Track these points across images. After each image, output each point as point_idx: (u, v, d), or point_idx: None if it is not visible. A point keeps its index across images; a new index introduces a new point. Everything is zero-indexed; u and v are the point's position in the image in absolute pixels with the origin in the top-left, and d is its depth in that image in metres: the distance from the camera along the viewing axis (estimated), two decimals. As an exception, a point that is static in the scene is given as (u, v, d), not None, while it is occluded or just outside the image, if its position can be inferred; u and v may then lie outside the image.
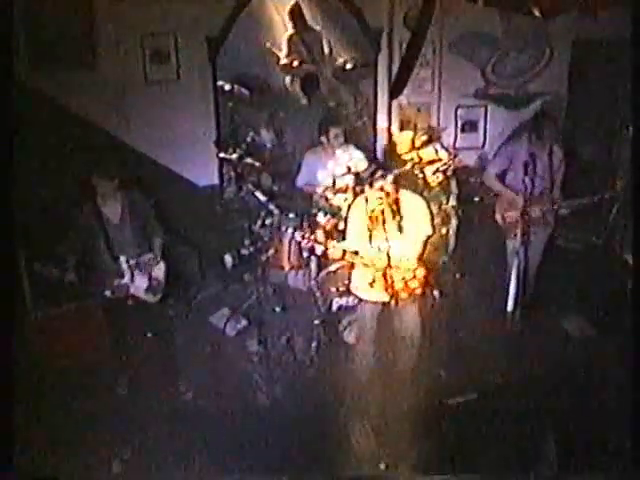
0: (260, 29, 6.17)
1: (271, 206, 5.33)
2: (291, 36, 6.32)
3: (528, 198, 4.86)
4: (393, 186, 4.24)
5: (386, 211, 4.24)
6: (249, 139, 5.65)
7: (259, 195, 5.38)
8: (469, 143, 6.78)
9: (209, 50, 5.96)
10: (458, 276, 5.93)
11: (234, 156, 5.51)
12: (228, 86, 5.58)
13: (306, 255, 5.15)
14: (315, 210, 5.41)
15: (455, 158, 6.12)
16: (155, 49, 5.82)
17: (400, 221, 4.26)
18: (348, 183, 5.53)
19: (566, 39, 6.60)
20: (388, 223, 4.24)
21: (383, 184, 4.20)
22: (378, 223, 4.27)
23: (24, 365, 3.99)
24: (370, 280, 4.36)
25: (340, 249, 4.44)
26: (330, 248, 4.38)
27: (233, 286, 5.99)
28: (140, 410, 4.49)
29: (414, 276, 4.36)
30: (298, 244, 5.07)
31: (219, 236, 6.19)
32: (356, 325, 4.89)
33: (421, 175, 5.92)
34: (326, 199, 5.57)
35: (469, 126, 6.77)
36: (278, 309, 5.50)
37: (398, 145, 6.45)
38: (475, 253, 6.15)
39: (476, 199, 6.17)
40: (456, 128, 6.74)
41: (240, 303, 5.59)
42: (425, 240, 4.36)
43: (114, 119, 5.78)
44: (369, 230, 4.31)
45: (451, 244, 6.17)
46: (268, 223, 5.34)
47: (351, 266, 4.69)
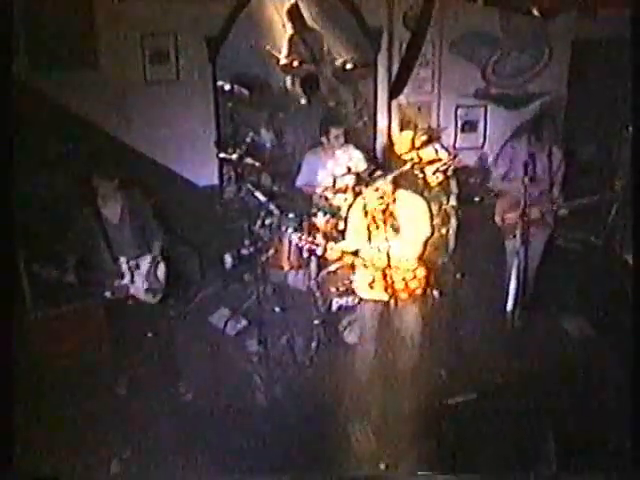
0: (260, 29, 6.17)
1: (271, 206, 5.33)
2: (291, 36, 6.32)
3: (528, 199, 4.86)
4: (392, 186, 4.24)
5: (385, 211, 4.24)
6: (249, 139, 5.64)
7: (259, 195, 5.37)
8: (469, 143, 6.79)
9: (209, 50, 5.97)
10: (458, 276, 5.92)
11: (234, 156, 5.50)
12: (228, 86, 5.57)
13: (306, 255, 5.15)
14: (315, 210, 5.41)
15: (455, 158, 6.11)
16: (155, 49, 5.83)
17: (400, 221, 4.26)
18: (348, 183, 5.54)
19: (566, 39, 6.61)
20: (387, 223, 4.24)
21: (382, 184, 4.20)
22: (377, 223, 4.27)
23: (24, 365, 3.99)
24: (370, 280, 4.37)
25: (338, 250, 4.44)
26: (328, 250, 4.39)
27: (233, 286, 5.99)
28: (140, 410, 4.48)
29: (414, 276, 4.37)
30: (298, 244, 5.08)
31: (219, 236, 6.18)
32: (357, 325, 4.90)
33: (421, 175, 5.92)
34: (326, 199, 5.57)
35: (469, 126, 6.78)
36: (278, 309, 5.48)
37: (398, 145, 6.44)
38: (475, 253, 6.14)
39: (476, 199, 6.17)
40: (456, 128, 6.75)
41: (240, 303, 5.59)
42: (425, 241, 4.36)
43: (114, 119, 5.79)
44: (368, 230, 4.32)
45: (451, 244, 6.16)
46: (268, 223, 5.34)
47: (351, 266, 4.70)
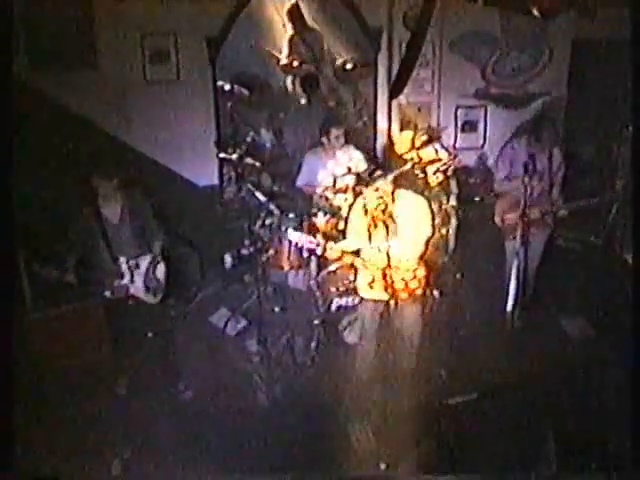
0: (260, 29, 6.17)
1: (271, 206, 5.33)
2: (292, 36, 6.32)
3: (528, 199, 4.86)
4: (393, 186, 4.24)
5: (386, 211, 4.24)
6: (249, 139, 5.64)
7: (259, 195, 5.37)
8: (469, 143, 6.78)
9: (209, 50, 5.97)
10: (458, 276, 5.92)
11: (234, 156, 5.50)
12: (228, 86, 5.56)
13: (306, 255, 5.15)
14: (315, 210, 5.41)
15: (455, 158, 6.12)
16: (155, 49, 5.83)
17: (400, 221, 4.26)
18: (348, 183, 5.54)
19: (566, 39, 6.60)
20: (388, 223, 4.24)
21: (383, 184, 4.20)
22: (377, 223, 4.27)
23: (24, 365, 4.00)
24: (370, 280, 4.37)
25: (338, 250, 4.44)
26: (328, 250, 4.39)
27: (233, 286, 5.99)
28: (140, 410, 4.48)
29: (414, 276, 4.37)
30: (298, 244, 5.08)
31: (219, 236, 6.18)
32: (357, 325, 4.90)
33: (421, 175, 5.92)
34: (326, 199, 5.57)
35: (469, 126, 6.77)
36: (278, 309, 5.49)
37: (398, 145, 6.44)
38: (475, 253, 6.14)
39: (476, 199, 6.17)
40: (456, 128, 6.74)
41: (240, 303, 5.59)
42: (426, 240, 4.36)
43: (114, 119, 5.79)
44: (369, 230, 4.31)
45: (451, 244, 6.15)
46: (268, 223, 5.34)
47: (351, 266, 4.70)
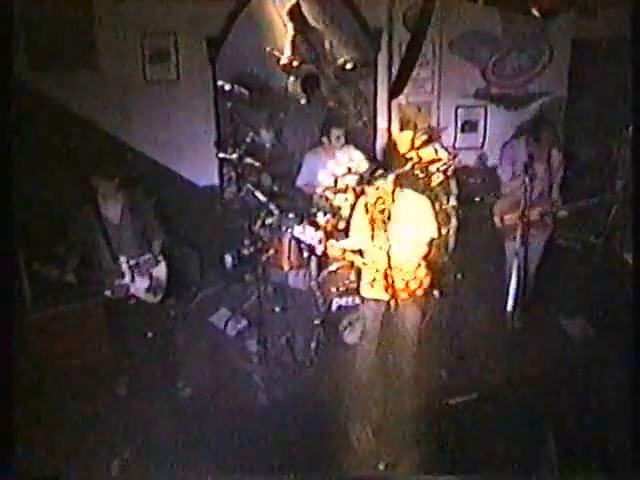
0: (260, 29, 6.14)
1: (271, 206, 5.32)
2: (294, 36, 6.30)
3: (527, 200, 4.86)
4: (393, 186, 4.24)
5: (386, 211, 4.24)
6: (249, 139, 5.63)
7: (259, 195, 5.37)
8: (469, 143, 6.78)
9: (209, 50, 5.96)
10: (458, 276, 5.92)
11: (234, 156, 5.49)
12: (228, 86, 5.55)
13: (306, 255, 5.15)
14: (315, 210, 5.41)
15: (455, 158, 6.12)
16: (155, 49, 5.83)
17: (402, 221, 4.26)
18: (348, 183, 5.54)
19: (566, 39, 6.59)
20: (388, 223, 4.24)
21: (383, 184, 4.19)
22: (378, 223, 4.27)
23: (24, 365, 4.00)
24: (371, 279, 4.37)
25: (339, 248, 4.44)
26: (329, 247, 4.39)
27: (233, 286, 5.99)
28: (140, 410, 4.48)
29: (414, 276, 4.37)
30: (298, 244, 5.08)
31: (219, 236, 6.18)
32: (358, 325, 4.90)
33: (421, 175, 5.92)
34: (326, 199, 5.57)
35: (469, 126, 6.76)
36: (278, 309, 5.49)
37: (398, 145, 6.44)
38: (475, 253, 6.14)
39: (476, 199, 6.17)
40: (456, 128, 6.73)
41: (240, 303, 5.59)
42: (429, 242, 4.36)
43: (114, 119, 5.78)
44: (371, 230, 4.31)
45: (451, 244, 6.15)
46: (268, 223, 5.34)
47: (351, 266, 4.70)
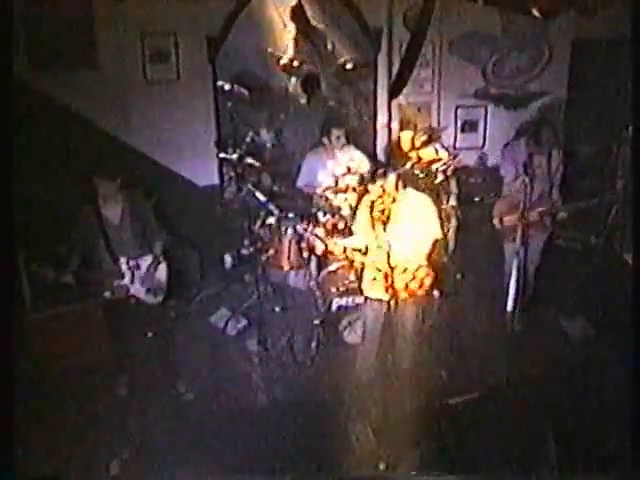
0: (260, 29, 6.15)
1: (271, 206, 5.32)
2: (296, 36, 6.30)
3: (527, 200, 4.85)
4: (393, 186, 4.24)
5: (386, 211, 4.24)
6: (249, 139, 5.64)
7: (259, 195, 5.37)
8: (469, 143, 6.78)
9: (209, 50, 5.97)
10: (458, 276, 5.92)
11: (234, 156, 5.50)
12: (228, 86, 5.56)
13: (306, 255, 5.15)
14: (315, 210, 5.41)
15: (455, 158, 6.12)
16: (155, 49, 5.83)
17: (404, 220, 4.26)
18: (349, 183, 5.55)
19: (566, 39, 6.60)
20: (389, 223, 4.24)
21: (383, 184, 4.20)
22: (379, 222, 4.27)
23: (24, 365, 4.00)
24: (372, 279, 4.38)
25: (341, 246, 4.45)
26: (330, 244, 4.39)
27: (233, 286, 5.99)
28: (140, 410, 4.48)
29: (414, 276, 4.37)
30: (298, 244, 5.08)
31: (219, 236, 6.18)
32: (359, 325, 4.90)
33: (421, 175, 5.92)
34: (326, 199, 5.58)
35: (469, 126, 6.77)
36: (278, 309, 5.49)
37: (399, 145, 6.44)
38: (475, 253, 6.14)
39: (476, 199, 6.17)
40: (456, 128, 6.74)
41: (240, 303, 5.59)
42: (433, 242, 4.36)
43: (114, 119, 5.78)
44: (372, 229, 4.32)
45: (451, 244, 6.16)
46: (268, 223, 5.35)
47: (351, 266, 4.70)
